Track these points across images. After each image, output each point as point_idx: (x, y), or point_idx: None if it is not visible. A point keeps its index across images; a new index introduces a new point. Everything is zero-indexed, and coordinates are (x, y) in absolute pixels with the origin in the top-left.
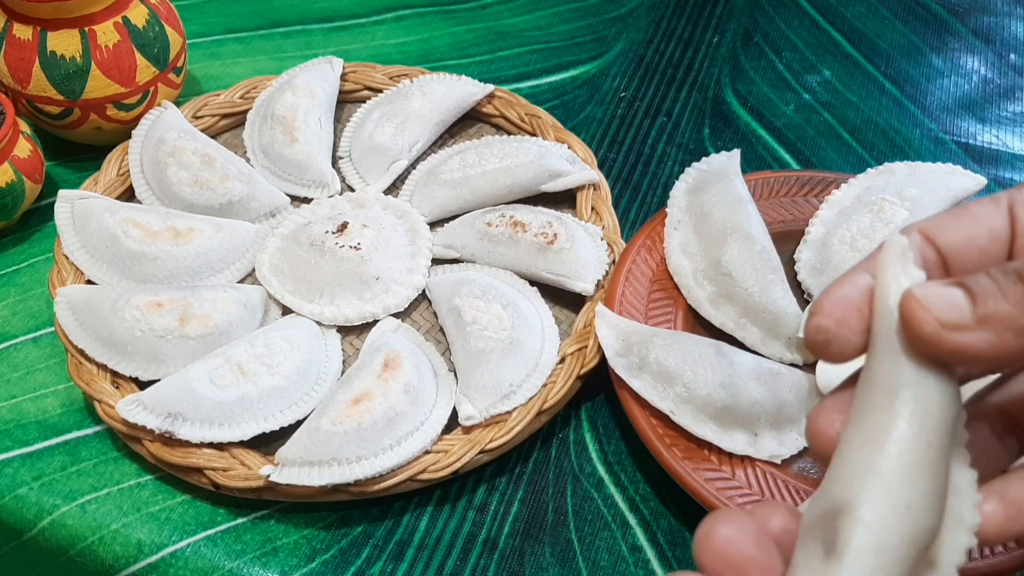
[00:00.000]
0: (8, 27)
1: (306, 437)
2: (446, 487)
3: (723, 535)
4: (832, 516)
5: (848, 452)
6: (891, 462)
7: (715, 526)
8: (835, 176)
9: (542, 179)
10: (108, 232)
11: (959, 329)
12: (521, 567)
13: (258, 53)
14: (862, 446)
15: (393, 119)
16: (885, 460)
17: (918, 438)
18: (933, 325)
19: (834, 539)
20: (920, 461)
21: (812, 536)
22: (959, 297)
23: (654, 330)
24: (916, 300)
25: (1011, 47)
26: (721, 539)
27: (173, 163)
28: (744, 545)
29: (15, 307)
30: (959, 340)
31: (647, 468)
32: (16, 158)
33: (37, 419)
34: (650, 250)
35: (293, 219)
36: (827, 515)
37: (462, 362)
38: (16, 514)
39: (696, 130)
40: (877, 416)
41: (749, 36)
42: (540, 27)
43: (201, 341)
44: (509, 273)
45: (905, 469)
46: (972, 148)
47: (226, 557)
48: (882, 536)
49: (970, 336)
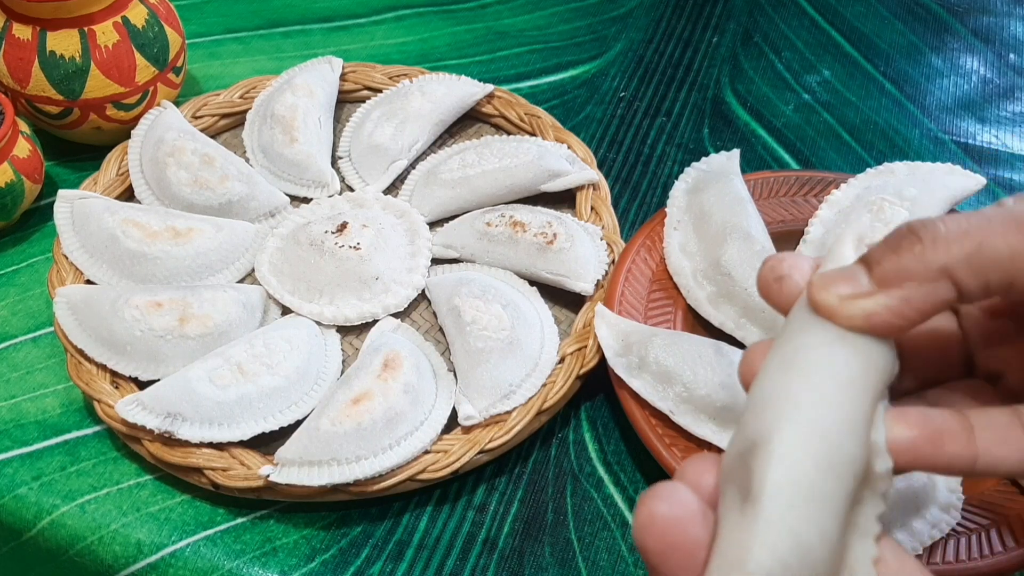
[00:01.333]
0: (8, 27)
1: (305, 437)
2: (446, 487)
3: (661, 514)
4: (746, 455)
5: (763, 382)
6: (805, 385)
7: (653, 506)
8: (835, 176)
9: (542, 179)
10: (108, 232)
11: (856, 298)
12: (521, 567)
13: (257, 53)
14: (777, 371)
15: (393, 119)
16: (799, 384)
17: (836, 367)
18: (833, 299)
19: (749, 481)
20: (838, 387)
21: (730, 482)
22: (857, 271)
23: (654, 330)
24: (817, 278)
25: (1011, 47)
26: (660, 520)
27: (172, 163)
28: (685, 524)
29: (15, 307)
30: (861, 308)
31: (647, 468)
32: (16, 158)
33: (37, 419)
34: (650, 250)
35: (293, 219)
36: (741, 456)
37: (462, 362)
38: (16, 514)
39: (696, 130)
40: (796, 339)
41: (749, 36)
42: (540, 27)
43: (201, 341)
44: (509, 273)
45: (820, 392)
46: (972, 148)
47: (226, 557)
48: (798, 469)
49: (869, 303)
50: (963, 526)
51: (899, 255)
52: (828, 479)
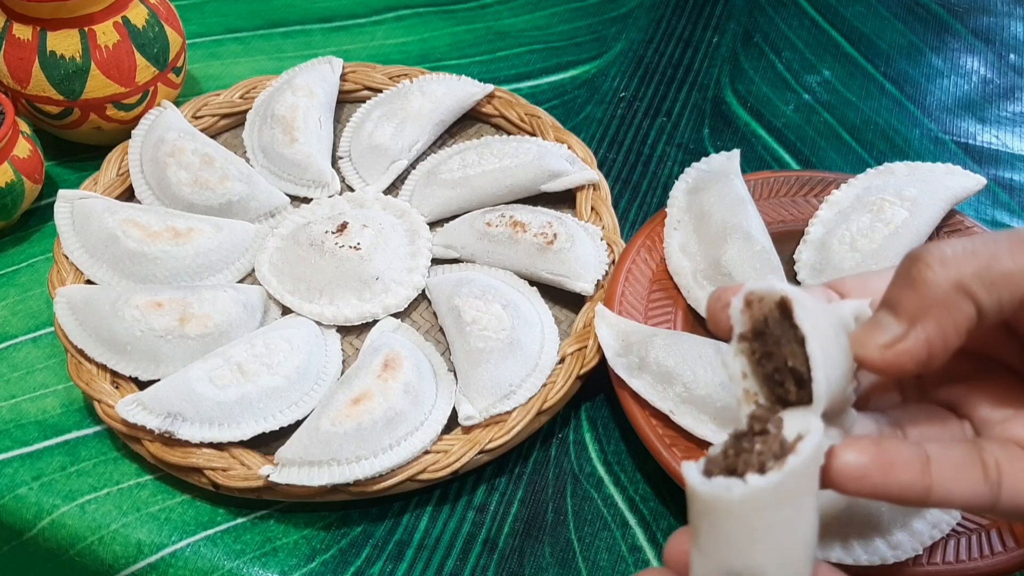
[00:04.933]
0: (8, 27)
1: (306, 437)
2: (446, 487)
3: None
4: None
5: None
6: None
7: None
8: (835, 176)
9: (542, 179)
10: (108, 232)
11: (895, 344)
12: (521, 567)
13: (258, 53)
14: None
15: (393, 119)
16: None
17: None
18: (875, 353)
19: None
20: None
21: None
22: (883, 317)
23: (654, 330)
24: (854, 338)
25: (1011, 47)
26: None
27: (173, 163)
28: None
29: (15, 307)
30: (904, 352)
31: (647, 468)
32: (16, 158)
33: (37, 419)
34: (650, 250)
35: (293, 219)
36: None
37: (462, 362)
38: (16, 514)
39: (696, 130)
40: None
41: (749, 36)
42: (540, 27)
43: (201, 341)
44: (509, 273)
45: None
46: (972, 148)
47: (226, 557)
48: None
49: (908, 344)
50: (963, 526)
51: (914, 288)
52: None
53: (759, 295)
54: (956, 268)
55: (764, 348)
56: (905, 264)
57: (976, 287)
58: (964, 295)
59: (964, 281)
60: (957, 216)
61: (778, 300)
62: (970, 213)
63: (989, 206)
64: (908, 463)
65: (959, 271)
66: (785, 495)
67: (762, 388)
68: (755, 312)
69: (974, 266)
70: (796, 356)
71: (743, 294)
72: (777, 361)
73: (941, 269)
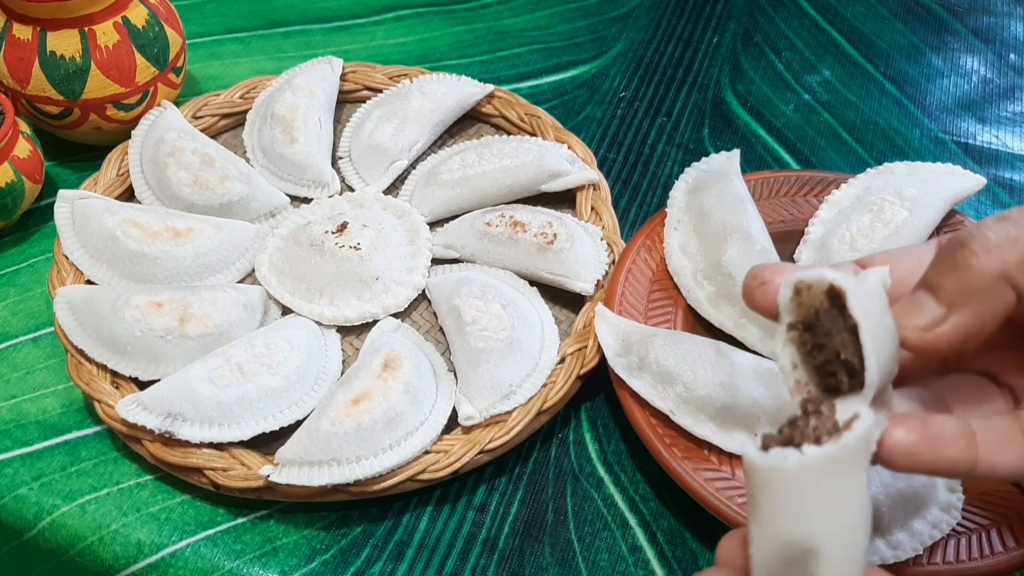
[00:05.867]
0: (8, 27)
1: (306, 437)
2: (446, 487)
3: None
4: (801, 560)
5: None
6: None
7: None
8: (835, 176)
9: (542, 179)
10: (108, 232)
11: (934, 327)
12: (521, 567)
13: (258, 53)
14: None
15: (393, 119)
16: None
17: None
18: (913, 335)
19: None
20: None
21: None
22: (923, 298)
23: (654, 330)
24: (896, 324)
25: (1011, 47)
26: None
27: (173, 163)
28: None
29: (15, 307)
30: (942, 336)
31: (647, 468)
32: (16, 158)
33: (37, 419)
34: (650, 250)
35: (293, 219)
36: (789, 561)
37: (462, 362)
38: (16, 514)
39: (696, 130)
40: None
41: (749, 36)
42: (540, 27)
43: (201, 341)
44: (509, 273)
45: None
46: (972, 148)
47: (226, 557)
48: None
49: (946, 328)
50: (963, 526)
51: (957, 273)
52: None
53: (807, 283)
54: (1001, 256)
55: (815, 340)
56: (949, 247)
57: (1020, 276)
58: (1006, 283)
59: (1008, 270)
60: (957, 216)
61: (827, 288)
62: (970, 213)
63: (989, 206)
64: (955, 439)
65: (1003, 260)
66: (840, 467)
67: (812, 378)
68: (804, 300)
69: (1017, 255)
70: (847, 347)
71: (792, 282)
72: (828, 353)
73: (986, 256)
